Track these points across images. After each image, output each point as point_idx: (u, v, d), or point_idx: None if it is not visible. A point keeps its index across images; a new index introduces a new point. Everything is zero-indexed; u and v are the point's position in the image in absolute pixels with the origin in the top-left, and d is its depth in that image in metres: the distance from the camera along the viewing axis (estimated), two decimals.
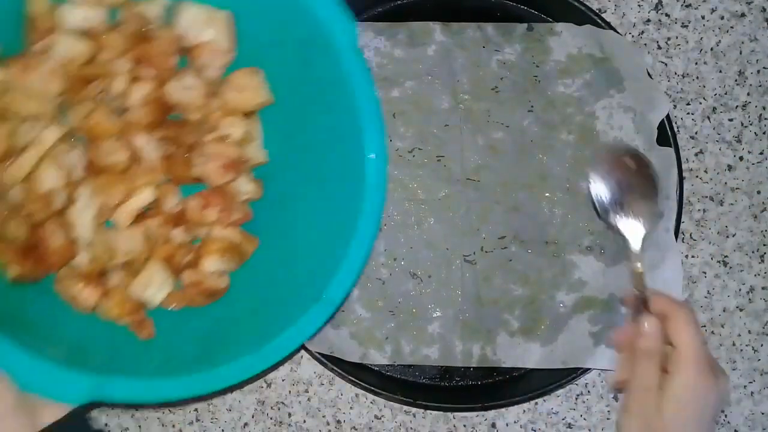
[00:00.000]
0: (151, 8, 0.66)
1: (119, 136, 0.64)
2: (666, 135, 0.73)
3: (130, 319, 0.64)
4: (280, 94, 0.69)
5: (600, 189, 0.67)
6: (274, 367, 0.61)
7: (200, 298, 0.66)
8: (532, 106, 0.74)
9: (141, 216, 0.66)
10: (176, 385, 0.56)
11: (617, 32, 0.74)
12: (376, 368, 0.74)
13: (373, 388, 0.72)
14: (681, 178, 0.72)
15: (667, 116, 0.72)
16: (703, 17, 0.78)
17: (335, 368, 0.71)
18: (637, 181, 0.67)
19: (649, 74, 0.73)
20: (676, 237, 0.72)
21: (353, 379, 0.71)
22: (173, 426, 0.75)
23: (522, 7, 0.76)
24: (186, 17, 0.66)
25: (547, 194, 0.74)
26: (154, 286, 0.65)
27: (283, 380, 0.75)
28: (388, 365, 0.73)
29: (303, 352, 0.73)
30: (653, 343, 0.57)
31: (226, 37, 0.67)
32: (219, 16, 0.67)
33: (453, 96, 0.75)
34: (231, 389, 0.74)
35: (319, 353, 0.71)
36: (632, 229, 0.66)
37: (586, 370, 0.71)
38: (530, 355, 0.72)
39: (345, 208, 0.63)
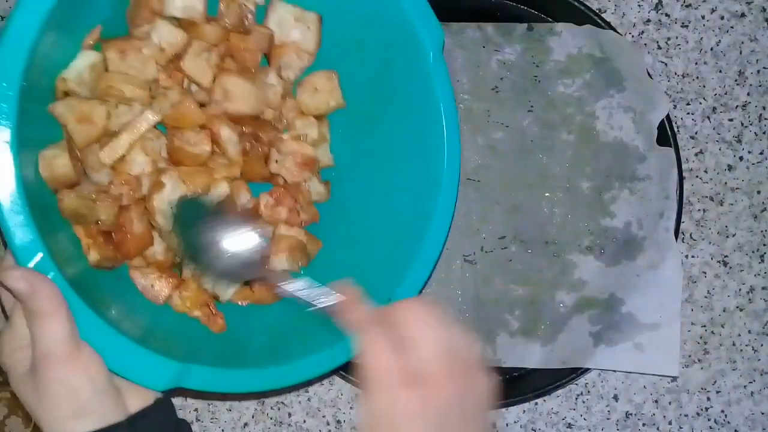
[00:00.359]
0: (250, 4, 0.67)
1: (202, 127, 0.64)
2: (666, 135, 0.73)
3: (202, 312, 0.64)
4: (354, 97, 0.69)
5: None
6: (344, 365, 0.61)
7: (268, 296, 0.67)
8: (532, 106, 0.75)
9: None
10: (254, 376, 0.57)
11: (617, 32, 0.74)
12: None
13: None
14: (681, 178, 0.72)
15: (667, 116, 0.73)
16: (703, 17, 0.78)
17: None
18: None
19: (649, 74, 0.73)
20: (676, 237, 0.72)
21: (353, 378, 0.72)
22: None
23: (522, 7, 0.76)
24: (277, 15, 0.66)
25: (547, 194, 0.74)
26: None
27: None
28: None
29: None
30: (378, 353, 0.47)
31: (313, 39, 0.67)
32: (309, 17, 0.67)
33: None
34: (304, 384, 0.75)
35: None
36: None
37: (586, 370, 0.72)
38: (530, 355, 0.72)
39: (414, 212, 0.64)
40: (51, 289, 0.47)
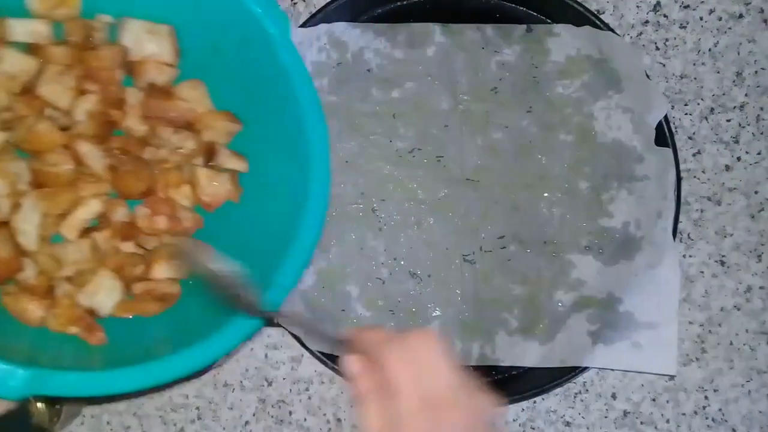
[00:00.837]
0: (95, 23, 0.68)
1: (64, 147, 0.66)
2: (664, 135, 0.74)
3: (79, 327, 0.64)
4: (225, 101, 0.71)
5: None
6: (230, 355, 0.61)
7: (151, 305, 0.67)
8: (531, 107, 0.75)
9: (90, 230, 0.67)
10: (117, 377, 0.56)
11: (616, 33, 0.74)
12: None
13: None
14: (679, 178, 0.73)
15: (665, 117, 0.73)
16: (701, 18, 0.79)
17: (336, 367, 0.72)
18: None
19: (647, 75, 0.74)
20: (674, 237, 0.73)
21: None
22: (175, 425, 0.76)
23: (521, 8, 0.77)
24: (129, 32, 0.68)
25: (546, 194, 0.75)
26: (103, 293, 0.66)
27: (284, 379, 0.76)
28: None
29: (304, 351, 0.74)
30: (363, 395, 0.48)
31: (169, 49, 0.69)
32: (161, 29, 0.69)
33: (453, 97, 0.75)
34: (185, 380, 0.75)
35: (320, 352, 0.72)
36: None
37: (584, 369, 0.72)
38: (529, 354, 0.73)
39: (292, 200, 0.64)
40: None
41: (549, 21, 0.77)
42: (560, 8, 0.76)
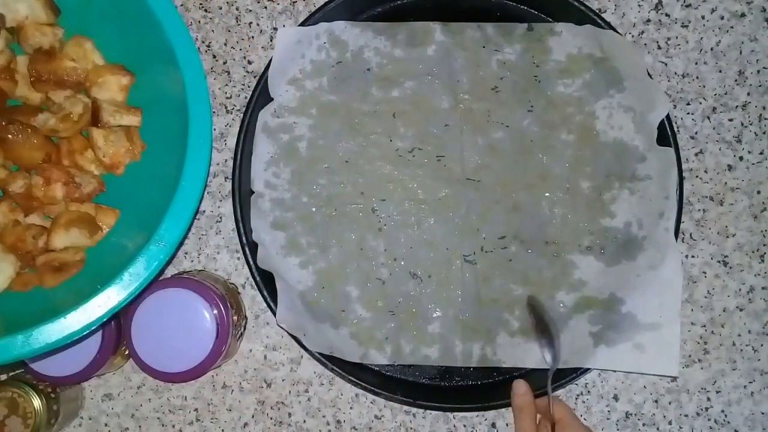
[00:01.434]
0: None
1: None
2: (666, 135, 0.74)
3: None
4: (116, 56, 0.70)
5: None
6: (117, 314, 0.61)
7: (51, 276, 0.66)
8: (532, 106, 0.75)
9: None
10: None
11: (617, 32, 0.74)
12: (376, 368, 0.75)
13: (373, 388, 0.73)
14: (681, 178, 0.73)
15: (667, 116, 0.73)
16: (703, 17, 0.79)
17: (335, 368, 0.72)
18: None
19: (649, 74, 0.74)
20: (676, 237, 0.73)
21: (353, 379, 0.73)
22: (173, 426, 0.76)
23: (522, 6, 0.77)
24: None
25: (547, 194, 0.75)
26: None
27: (283, 380, 0.76)
28: (388, 365, 0.74)
29: (303, 352, 0.74)
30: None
31: (42, 7, 0.68)
32: None
33: (453, 96, 0.75)
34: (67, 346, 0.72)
35: (319, 353, 0.72)
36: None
37: (586, 370, 0.72)
38: (530, 355, 0.73)
39: (176, 152, 0.64)
40: None
41: (550, 19, 0.77)
42: (562, 7, 0.76)
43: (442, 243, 0.75)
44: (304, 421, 0.76)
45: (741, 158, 0.77)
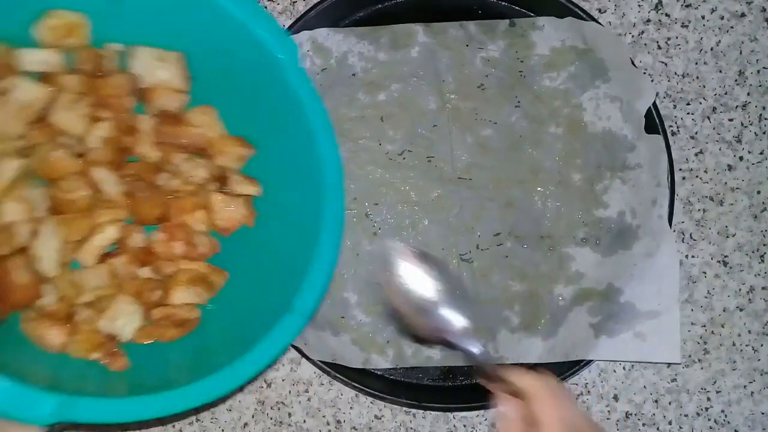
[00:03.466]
0: (105, 51, 0.72)
1: (80, 174, 0.69)
2: (654, 122, 0.76)
3: (100, 353, 0.67)
4: (237, 127, 0.74)
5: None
6: (252, 381, 0.64)
7: (171, 331, 0.70)
8: (519, 102, 0.78)
9: (108, 255, 0.71)
10: (142, 404, 0.58)
11: (598, 23, 0.76)
12: (379, 372, 0.77)
13: (376, 392, 0.75)
14: (671, 164, 0.76)
15: (654, 104, 0.76)
16: (703, 17, 0.80)
17: (338, 375, 0.75)
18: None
19: (632, 63, 0.76)
20: (670, 223, 0.75)
21: (357, 384, 0.75)
22: (173, 426, 0.78)
23: (502, 3, 0.79)
24: (139, 59, 0.72)
25: (539, 188, 0.77)
26: (123, 318, 0.68)
27: (283, 380, 0.78)
28: (391, 369, 0.76)
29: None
30: (510, 426, 0.56)
31: (179, 75, 0.72)
32: (170, 56, 0.72)
33: (440, 96, 0.78)
34: (205, 407, 0.78)
35: (321, 361, 0.74)
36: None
37: (588, 362, 0.75)
38: (532, 350, 0.75)
39: (308, 224, 0.67)
40: None
41: (531, 14, 0.79)
42: (541, 1, 0.78)
43: (437, 243, 0.77)
44: (304, 421, 0.77)
45: (741, 158, 0.79)
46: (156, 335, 0.69)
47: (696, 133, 0.80)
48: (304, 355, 0.74)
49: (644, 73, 0.79)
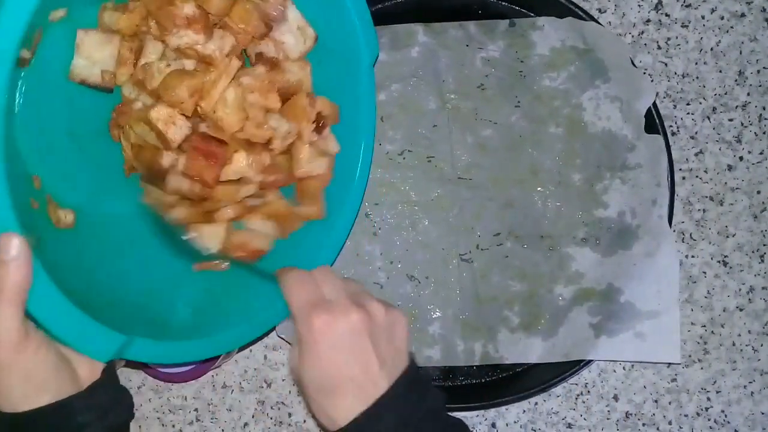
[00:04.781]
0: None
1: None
2: (654, 122, 0.77)
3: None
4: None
5: None
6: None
7: (242, 253, 0.71)
8: (518, 102, 0.79)
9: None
10: (189, 347, 0.62)
11: (598, 23, 0.77)
12: None
13: None
14: (671, 164, 0.76)
15: (654, 104, 0.77)
16: (703, 17, 0.81)
17: None
18: None
19: (632, 63, 0.76)
20: (670, 224, 0.76)
21: None
22: (173, 426, 0.78)
23: (503, 3, 0.80)
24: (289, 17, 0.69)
25: (539, 188, 0.78)
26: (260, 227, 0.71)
27: (283, 380, 0.79)
28: None
29: None
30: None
31: (301, 49, 0.70)
32: (309, 32, 0.69)
33: (439, 96, 0.79)
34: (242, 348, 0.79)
35: None
36: None
37: (588, 362, 0.75)
38: (532, 350, 0.76)
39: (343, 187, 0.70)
40: (23, 271, 0.48)
41: (531, 14, 0.80)
42: (542, 1, 0.79)
43: (437, 243, 0.78)
44: (304, 421, 0.78)
45: (741, 158, 0.80)
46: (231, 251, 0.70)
47: (696, 133, 0.81)
48: None
49: (644, 73, 0.80)
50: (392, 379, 0.56)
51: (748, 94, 0.81)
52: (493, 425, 0.78)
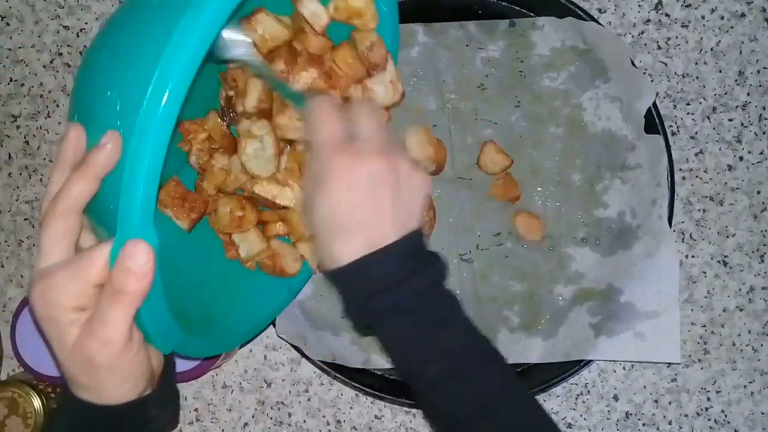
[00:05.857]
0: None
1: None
2: (654, 122, 0.77)
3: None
4: None
5: None
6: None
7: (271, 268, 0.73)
8: (518, 102, 0.80)
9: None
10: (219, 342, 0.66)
11: (598, 23, 0.77)
12: (379, 372, 0.78)
13: (376, 392, 0.76)
14: (671, 164, 0.77)
15: (654, 104, 0.77)
16: (703, 17, 0.82)
17: (338, 375, 0.76)
18: None
19: (632, 63, 0.77)
20: (670, 224, 0.76)
21: (356, 384, 0.76)
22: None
23: (503, 3, 0.81)
24: None
25: (539, 188, 0.79)
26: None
27: (283, 380, 0.79)
28: (391, 368, 0.78)
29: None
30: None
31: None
32: None
33: (439, 96, 0.80)
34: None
35: (321, 361, 0.76)
36: None
37: (588, 362, 0.76)
38: (532, 350, 0.77)
39: None
40: (148, 278, 0.49)
41: (531, 14, 0.80)
42: (541, 1, 0.79)
43: (437, 243, 0.79)
44: (304, 421, 0.79)
45: (741, 158, 0.81)
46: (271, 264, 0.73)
47: (696, 133, 0.81)
48: (304, 355, 0.76)
49: (644, 73, 0.81)
50: (400, 234, 0.56)
51: (748, 94, 0.82)
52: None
